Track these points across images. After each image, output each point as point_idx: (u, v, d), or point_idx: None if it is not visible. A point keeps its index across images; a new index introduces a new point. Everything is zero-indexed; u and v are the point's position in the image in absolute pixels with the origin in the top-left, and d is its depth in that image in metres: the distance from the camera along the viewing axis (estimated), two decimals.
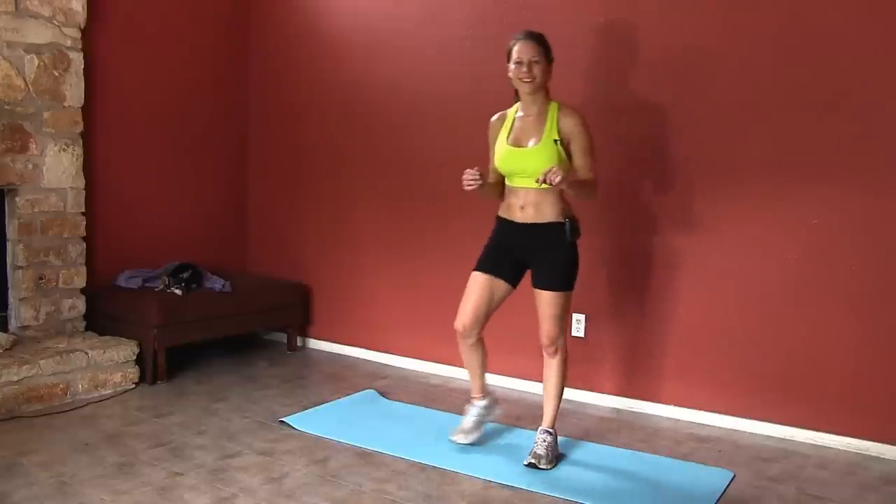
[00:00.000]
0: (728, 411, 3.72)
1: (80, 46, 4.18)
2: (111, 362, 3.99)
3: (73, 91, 4.17)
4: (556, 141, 3.11)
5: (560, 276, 3.21)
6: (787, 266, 3.55)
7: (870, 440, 3.41)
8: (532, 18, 4.05)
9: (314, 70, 4.93)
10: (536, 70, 3.11)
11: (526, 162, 3.13)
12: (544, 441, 3.24)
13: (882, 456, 3.37)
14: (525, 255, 3.25)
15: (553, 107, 3.18)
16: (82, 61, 4.19)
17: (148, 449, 3.27)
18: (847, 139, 3.39)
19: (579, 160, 3.16)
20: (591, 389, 4.06)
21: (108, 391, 3.97)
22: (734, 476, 3.14)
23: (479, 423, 3.45)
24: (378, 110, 4.68)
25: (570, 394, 4.07)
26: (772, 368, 3.60)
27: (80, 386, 3.87)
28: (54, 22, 4.06)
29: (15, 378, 3.62)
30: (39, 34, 4.02)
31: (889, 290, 3.35)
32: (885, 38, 3.28)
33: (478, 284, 3.30)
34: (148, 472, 3.03)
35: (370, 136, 4.72)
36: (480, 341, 3.42)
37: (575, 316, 4.06)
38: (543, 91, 3.20)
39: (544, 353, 3.31)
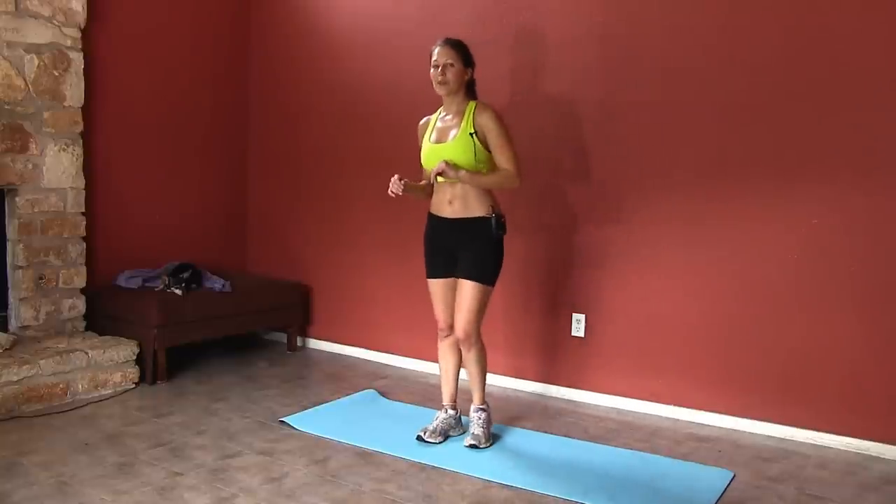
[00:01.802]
0: (728, 411, 3.72)
1: (80, 46, 4.18)
2: (111, 362, 3.99)
3: (73, 91, 4.17)
4: (471, 134, 3.25)
5: (481, 269, 3.32)
6: (787, 266, 3.55)
7: (870, 440, 3.41)
8: (531, 19, 4.06)
9: (314, 70, 4.93)
10: (450, 73, 3.29)
11: (445, 155, 3.27)
12: (479, 419, 3.43)
13: (882, 456, 3.37)
14: (455, 248, 3.36)
15: (471, 105, 3.33)
16: (82, 61, 4.20)
17: (148, 449, 3.27)
18: (847, 139, 3.39)
19: (496, 152, 3.28)
20: (591, 389, 4.06)
21: (108, 391, 3.97)
22: (734, 476, 3.14)
23: (445, 431, 3.48)
24: (378, 110, 4.68)
25: (570, 393, 4.09)
26: (772, 368, 3.60)
27: (80, 386, 3.87)
28: (54, 22, 4.06)
29: (15, 378, 3.62)
30: (39, 34, 4.02)
31: (889, 290, 3.34)
32: (886, 38, 3.28)
33: (437, 288, 3.47)
34: (148, 472, 3.03)
35: (370, 136, 4.72)
36: (457, 344, 3.49)
37: (575, 316, 4.07)
38: (462, 93, 3.35)
39: (461, 346, 3.41)
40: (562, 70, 4.03)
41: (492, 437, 3.44)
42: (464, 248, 3.33)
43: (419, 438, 3.41)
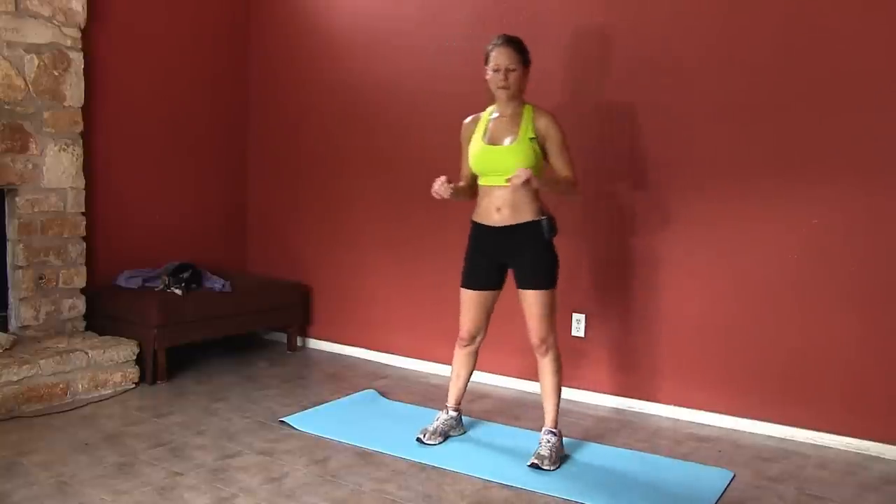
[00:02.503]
0: (728, 411, 3.72)
1: (80, 46, 4.18)
2: (111, 362, 3.99)
3: (73, 91, 4.17)
4: (532, 139, 3.15)
5: (542, 275, 3.23)
6: (787, 266, 3.55)
7: (870, 440, 3.41)
8: (530, 19, 4.06)
9: (314, 70, 4.93)
10: (513, 78, 3.16)
11: (502, 160, 3.16)
12: (548, 442, 3.25)
13: (882, 456, 3.37)
14: (505, 257, 3.27)
15: (528, 108, 3.23)
16: (82, 61, 4.19)
17: (148, 449, 3.27)
18: (847, 139, 3.39)
19: (555, 159, 3.21)
20: (591, 389, 4.06)
21: (108, 391, 3.97)
22: (734, 476, 3.14)
23: (445, 432, 3.46)
24: (378, 110, 4.68)
25: (570, 393, 4.08)
26: (772, 368, 3.60)
27: (80, 386, 3.87)
28: (54, 22, 4.06)
29: (15, 378, 3.62)
30: (39, 34, 4.02)
31: (889, 290, 3.34)
32: (886, 38, 3.28)
33: (469, 300, 3.38)
34: (148, 472, 3.03)
35: (370, 136, 4.72)
36: (476, 353, 3.48)
37: (575, 316, 4.07)
38: (520, 95, 3.24)
39: (536, 353, 3.32)
40: (560, 70, 4.02)
41: (560, 462, 3.22)
42: (517, 256, 3.22)
43: (418, 440, 3.40)
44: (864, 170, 3.37)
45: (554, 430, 3.29)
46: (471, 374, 3.52)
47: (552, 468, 3.16)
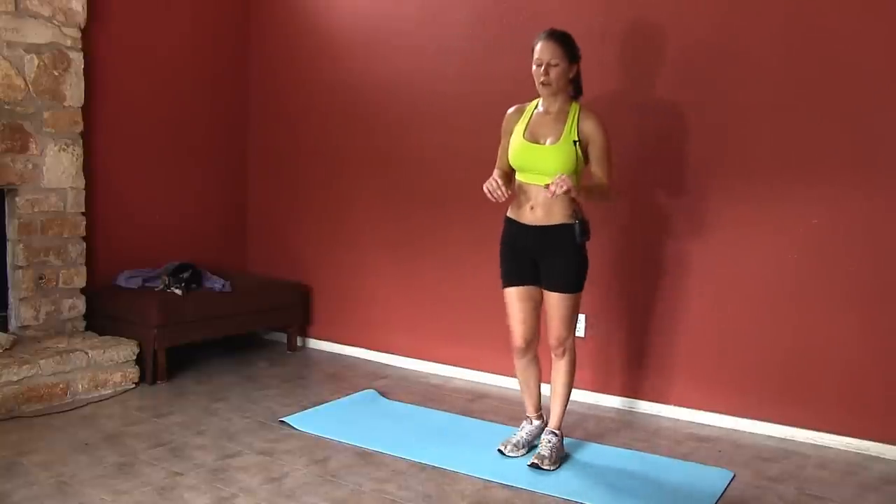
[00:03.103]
0: (728, 411, 3.72)
1: (80, 46, 4.18)
2: (111, 362, 3.99)
3: (73, 91, 4.17)
4: (575, 142, 3.06)
5: (570, 279, 3.16)
6: (786, 266, 3.55)
7: (870, 440, 3.41)
8: (531, 19, 4.06)
9: (314, 70, 4.93)
10: (554, 73, 3.05)
11: (541, 159, 3.08)
12: (549, 442, 3.23)
13: (882, 456, 3.38)
14: (536, 255, 3.19)
15: (574, 107, 3.13)
16: (82, 61, 4.19)
17: (148, 449, 3.27)
18: (846, 140, 3.39)
19: (596, 164, 3.13)
20: (591, 389, 4.06)
21: (108, 391, 3.97)
22: (734, 476, 3.14)
23: (530, 443, 3.35)
24: (378, 110, 4.68)
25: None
26: (772, 368, 3.60)
27: (80, 386, 3.86)
28: (54, 22, 4.06)
29: (15, 378, 3.62)
30: (39, 34, 4.02)
31: (889, 291, 3.35)
32: (887, 38, 3.28)
33: (517, 299, 3.24)
34: (148, 471, 3.03)
35: (370, 136, 4.72)
36: (536, 358, 3.36)
37: None
38: (566, 91, 3.13)
39: (552, 354, 3.27)
40: None
41: (560, 463, 3.21)
42: (548, 258, 3.14)
43: (499, 452, 3.28)
44: (863, 171, 3.37)
45: (556, 432, 3.28)
46: (540, 379, 3.37)
47: (552, 468, 3.15)
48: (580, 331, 4.05)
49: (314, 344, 5.07)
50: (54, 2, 4.04)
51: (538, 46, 3.08)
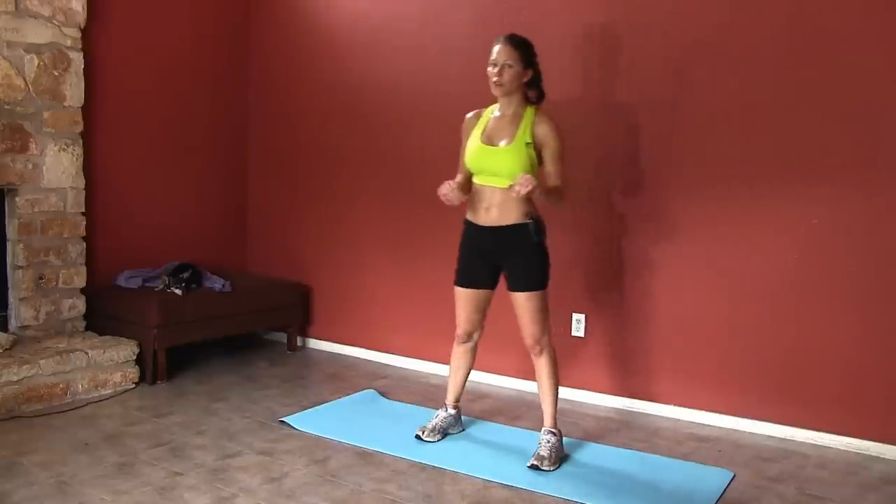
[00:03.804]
0: (728, 411, 3.72)
1: (80, 46, 4.18)
2: (111, 362, 3.99)
3: (73, 91, 4.17)
4: (527, 144, 3.14)
5: (533, 277, 3.23)
6: (786, 265, 3.55)
7: (870, 440, 3.41)
8: (533, 19, 4.06)
9: (314, 70, 4.93)
10: (507, 75, 3.13)
11: (496, 161, 3.16)
12: (548, 442, 3.25)
13: (882, 456, 3.37)
14: (496, 258, 3.27)
15: (529, 111, 3.21)
16: (82, 61, 4.19)
17: (148, 449, 3.27)
18: (847, 139, 3.39)
19: (550, 166, 3.20)
20: (591, 389, 4.06)
21: (108, 391, 3.97)
22: (734, 476, 3.14)
23: (444, 430, 3.48)
24: (378, 110, 4.68)
25: (570, 394, 4.08)
26: (772, 368, 3.60)
27: (80, 386, 3.86)
28: (54, 22, 4.06)
29: (15, 378, 3.62)
30: (39, 34, 4.02)
31: (889, 290, 3.34)
32: (886, 37, 3.28)
33: (463, 298, 3.39)
34: (148, 471, 3.03)
35: (370, 136, 4.72)
36: (474, 349, 3.49)
37: (575, 316, 4.07)
38: (520, 94, 3.21)
39: (531, 354, 3.33)
40: (561, 70, 4.02)
41: (559, 463, 3.22)
42: (508, 259, 3.24)
43: (417, 437, 3.41)
44: (863, 170, 3.37)
45: (554, 431, 3.29)
46: (469, 370, 3.53)
47: (552, 468, 3.16)
48: (580, 331, 4.06)
49: (314, 344, 5.07)
50: (54, 2, 4.04)
51: (495, 48, 3.17)
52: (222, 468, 3.09)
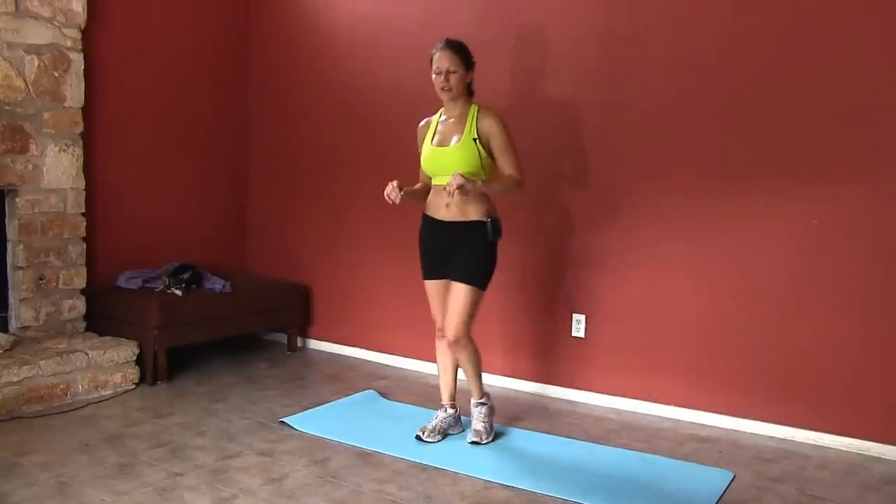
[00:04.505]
0: (728, 412, 3.72)
1: (80, 47, 4.18)
2: (111, 363, 3.99)
3: (74, 92, 4.17)
4: (474, 139, 3.23)
5: (474, 271, 3.29)
6: (788, 266, 3.55)
7: (870, 441, 3.41)
8: (531, 20, 4.06)
9: (314, 71, 4.93)
10: (453, 80, 3.25)
11: (448, 160, 3.26)
12: (480, 413, 3.43)
13: (883, 456, 3.37)
14: (449, 250, 3.33)
15: (473, 108, 3.31)
16: (82, 62, 4.19)
17: (148, 449, 3.26)
18: (849, 139, 3.39)
19: (500, 157, 3.29)
20: (592, 390, 4.06)
21: (109, 392, 3.97)
22: (734, 476, 3.14)
23: (444, 430, 3.49)
24: (378, 111, 4.68)
25: (570, 394, 4.09)
26: (772, 368, 3.60)
27: (81, 386, 3.86)
28: (54, 23, 4.06)
29: (15, 378, 3.62)
30: (40, 35, 4.02)
31: (890, 290, 3.34)
32: (886, 38, 3.28)
33: (432, 291, 3.45)
34: (148, 472, 3.03)
35: (370, 136, 4.72)
36: None
37: (575, 316, 4.06)
38: (464, 96, 3.32)
39: (450, 350, 3.39)
40: (562, 71, 4.03)
41: (493, 433, 3.44)
42: (458, 251, 3.31)
43: (417, 438, 3.42)
44: (865, 170, 3.36)
45: (483, 400, 3.45)
46: (457, 365, 3.52)
47: (490, 440, 3.39)
48: (580, 331, 4.06)
49: (314, 344, 5.07)
50: (55, 3, 4.04)
51: (436, 56, 3.28)
52: (222, 469, 3.09)
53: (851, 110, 3.37)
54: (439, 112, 3.43)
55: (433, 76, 3.30)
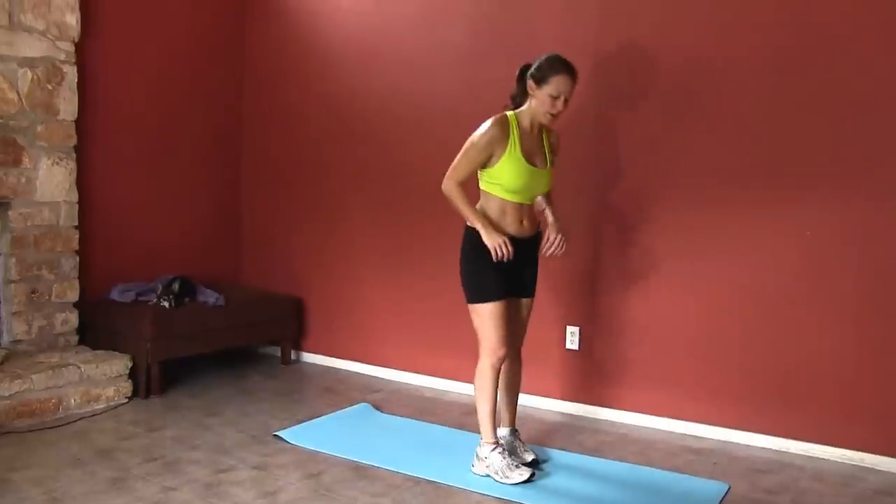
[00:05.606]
0: (723, 423, 3.72)
1: (73, 60, 4.18)
2: (104, 376, 3.97)
3: (67, 104, 4.17)
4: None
5: (535, 283, 3.36)
6: (782, 276, 3.56)
7: (865, 451, 3.41)
8: (527, 31, 4.08)
9: (308, 82, 4.94)
10: (565, 108, 3.10)
11: (540, 183, 3.19)
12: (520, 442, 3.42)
13: (877, 467, 3.38)
14: (521, 265, 3.22)
15: (540, 126, 3.21)
16: (76, 75, 4.19)
17: (141, 463, 3.25)
18: (846, 150, 3.40)
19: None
20: (586, 402, 4.05)
21: (101, 406, 3.94)
22: (729, 488, 3.14)
23: (519, 456, 3.31)
24: (372, 122, 4.69)
25: (564, 406, 4.08)
26: (767, 380, 3.61)
27: (73, 400, 3.84)
28: (48, 36, 4.06)
29: (7, 393, 3.59)
30: (33, 48, 4.02)
31: (884, 302, 3.36)
32: (884, 44, 3.30)
33: (501, 311, 3.13)
34: (141, 486, 3.01)
35: (364, 147, 4.73)
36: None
37: (569, 329, 4.07)
38: None
39: (517, 362, 3.40)
40: None
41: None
42: (529, 265, 3.30)
43: (528, 480, 3.12)
44: (860, 180, 3.38)
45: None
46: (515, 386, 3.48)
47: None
48: (575, 344, 4.06)
49: (308, 357, 5.06)
50: (48, 16, 4.04)
51: (560, 78, 3.03)
52: (216, 483, 3.07)
53: (845, 120, 3.39)
54: (513, 119, 3.11)
55: (547, 96, 3.04)
